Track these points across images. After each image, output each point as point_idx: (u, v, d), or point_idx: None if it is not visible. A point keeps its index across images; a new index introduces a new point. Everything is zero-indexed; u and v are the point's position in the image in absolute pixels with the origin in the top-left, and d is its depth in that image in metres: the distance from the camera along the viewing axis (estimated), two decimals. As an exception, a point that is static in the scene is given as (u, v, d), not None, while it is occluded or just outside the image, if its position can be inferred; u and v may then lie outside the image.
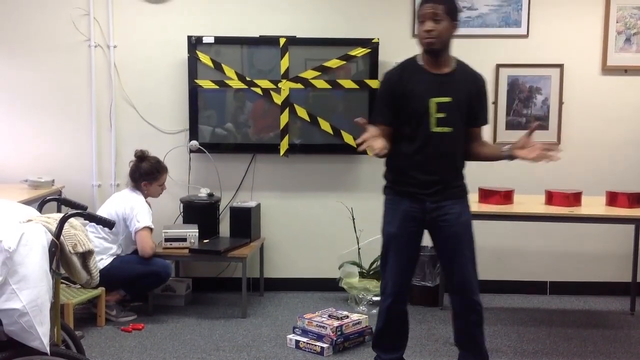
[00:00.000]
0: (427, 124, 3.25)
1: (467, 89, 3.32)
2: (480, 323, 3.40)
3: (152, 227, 4.66)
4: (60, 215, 2.85)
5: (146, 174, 4.73)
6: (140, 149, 4.80)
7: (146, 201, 4.74)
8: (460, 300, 3.40)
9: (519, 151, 3.26)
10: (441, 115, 3.24)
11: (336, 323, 4.15)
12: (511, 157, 3.31)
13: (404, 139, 3.32)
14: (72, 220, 2.90)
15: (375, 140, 3.11)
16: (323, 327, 4.13)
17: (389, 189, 3.42)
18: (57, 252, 2.79)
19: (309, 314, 4.34)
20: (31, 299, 2.61)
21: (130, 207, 4.63)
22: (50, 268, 2.75)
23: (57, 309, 2.91)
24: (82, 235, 2.93)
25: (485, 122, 3.46)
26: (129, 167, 4.77)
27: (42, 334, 2.64)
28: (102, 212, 4.61)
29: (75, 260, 2.89)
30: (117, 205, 4.65)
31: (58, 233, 2.78)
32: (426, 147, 3.27)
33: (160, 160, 4.86)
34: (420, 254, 3.82)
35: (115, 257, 4.62)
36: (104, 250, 4.57)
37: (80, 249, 2.90)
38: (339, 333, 4.11)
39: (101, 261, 4.45)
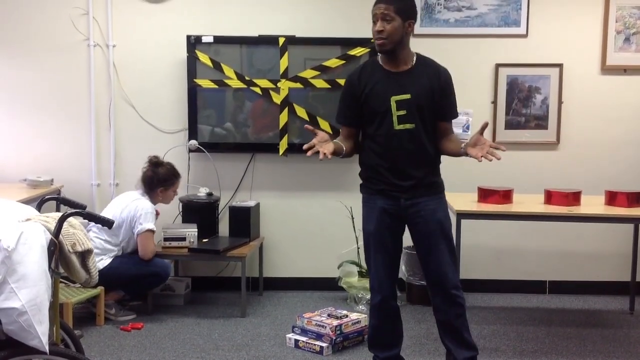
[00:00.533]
0: (389, 122, 3.30)
1: (428, 84, 3.32)
2: (461, 314, 3.43)
3: (155, 230, 4.65)
4: (59, 214, 2.84)
5: (164, 180, 4.72)
6: (154, 155, 4.80)
7: (155, 208, 4.74)
8: (438, 293, 3.43)
9: (470, 149, 3.26)
10: (402, 112, 3.28)
11: (335, 322, 4.15)
12: (466, 154, 3.29)
13: (370, 138, 3.39)
14: (71, 219, 2.90)
15: (322, 145, 3.19)
16: (322, 326, 4.13)
17: (364, 188, 3.49)
18: (56, 251, 2.79)
19: (308, 313, 4.34)
20: (30, 298, 2.61)
21: (136, 208, 4.61)
22: (49, 267, 2.75)
23: (56, 308, 2.91)
24: (81, 234, 2.93)
25: (452, 116, 3.44)
26: (143, 172, 4.73)
27: (41, 333, 2.64)
28: (107, 213, 4.60)
29: (74, 260, 2.89)
30: (124, 208, 4.64)
31: (57, 232, 2.78)
32: (391, 146, 3.32)
33: (174, 165, 4.85)
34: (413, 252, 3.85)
35: (114, 257, 4.62)
36: (104, 251, 4.57)
37: (79, 248, 2.90)
38: (338, 332, 4.11)
39: (101, 261, 4.45)
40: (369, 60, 3.52)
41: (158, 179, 4.71)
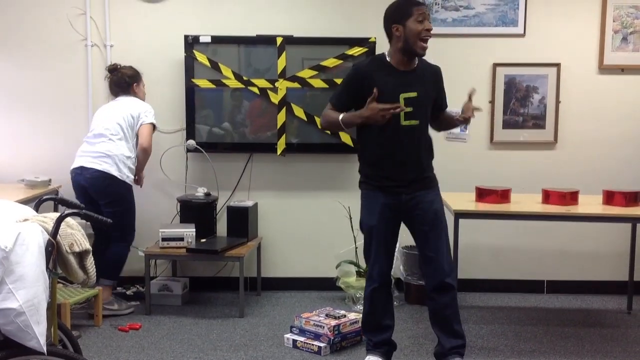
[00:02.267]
0: (396, 118, 3.45)
1: (430, 83, 3.60)
2: (451, 304, 3.61)
3: (156, 125, 4.79)
4: (57, 214, 2.84)
5: (132, 76, 4.82)
6: (111, 64, 4.90)
7: None
8: (432, 281, 3.62)
9: (461, 116, 3.62)
10: (408, 109, 3.46)
11: (333, 322, 4.15)
12: (460, 122, 3.67)
13: (375, 133, 3.52)
14: (68, 219, 2.89)
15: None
16: (320, 326, 4.13)
17: (365, 184, 3.66)
18: (53, 251, 2.78)
19: (306, 313, 4.34)
20: (28, 298, 2.60)
21: (141, 105, 4.73)
22: (47, 267, 2.74)
23: (54, 309, 2.91)
24: (78, 234, 2.93)
25: (446, 105, 3.78)
26: (110, 80, 4.82)
27: (38, 333, 2.64)
28: (114, 117, 4.64)
29: (72, 260, 2.89)
30: (130, 109, 4.69)
31: (55, 232, 2.78)
32: (396, 140, 3.50)
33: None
34: (415, 252, 4.10)
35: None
36: (122, 158, 4.61)
37: (76, 249, 2.89)
38: (336, 332, 4.11)
39: (128, 178, 4.63)
40: (376, 56, 3.70)
41: (129, 76, 4.81)
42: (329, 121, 3.59)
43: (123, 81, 4.80)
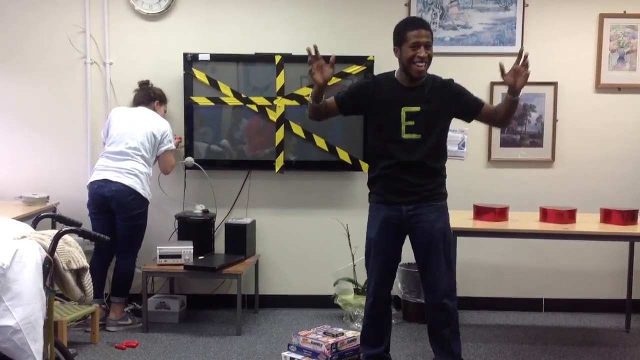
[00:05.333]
0: (398, 130, 3.56)
1: (440, 97, 3.61)
2: (449, 324, 3.63)
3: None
4: (55, 231, 2.84)
5: (159, 94, 4.97)
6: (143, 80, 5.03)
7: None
8: (430, 300, 3.67)
9: (510, 80, 3.57)
10: (410, 123, 3.54)
11: (331, 340, 4.12)
12: (513, 94, 3.58)
13: (378, 146, 3.63)
14: (66, 236, 2.90)
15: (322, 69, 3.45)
16: (318, 344, 4.11)
17: (371, 196, 3.73)
18: (51, 268, 2.78)
19: (303, 331, 4.31)
20: (24, 315, 2.60)
21: (163, 125, 4.84)
22: (44, 285, 2.74)
23: (50, 326, 2.90)
24: (76, 252, 2.92)
25: (480, 102, 3.73)
26: (136, 93, 4.93)
27: (35, 351, 2.63)
28: (137, 136, 4.70)
29: (69, 277, 2.88)
30: (153, 124, 4.79)
31: (52, 250, 2.78)
32: (398, 153, 3.57)
33: None
34: (413, 270, 4.15)
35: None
36: (146, 177, 4.74)
37: (74, 266, 2.89)
38: (334, 350, 4.08)
39: (149, 195, 4.76)
40: (387, 72, 3.77)
41: (155, 93, 4.95)
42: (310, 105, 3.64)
43: (149, 95, 4.92)
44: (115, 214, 4.70)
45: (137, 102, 4.93)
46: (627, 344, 4.61)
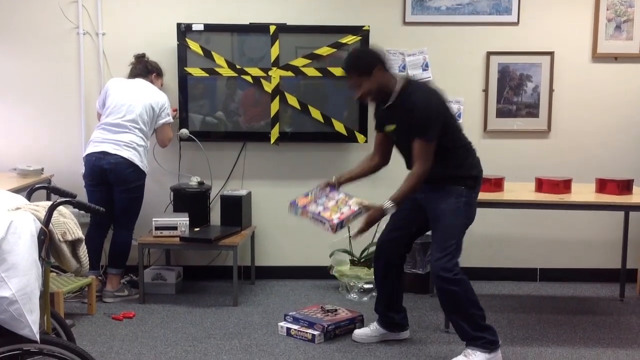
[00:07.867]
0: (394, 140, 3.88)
1: (404, 116, 3.65)
2: (445, 300, 3.75)
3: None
4: (49, 203, 2.83)
5: (156, 67, 4.94)
6: (139, 53, 4.97)
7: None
8: (430, 268, 3.97)
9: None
10: (395, 137, 3.81)
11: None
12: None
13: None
14: (61, 208, 2.88)
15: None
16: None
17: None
18: (46, 240, 2.77)
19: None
20: (20, 287, 2.59)
21: (161, 98, 4.81)
22: (40, 256, 2.73)
23: (46, 297, 2.90)
24: (71, 223, 2.91)
25: (416, 137, 3.61)
26: (133, 65, 4.89)
27: (31, 322, 2.63)
28: (135, 108, 4.67)
29: (65, 249, 2.87)
30: (152, 97, 4.76)
31: (47, 221, 2.77)
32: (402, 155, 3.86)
33: None
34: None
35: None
36: (144, 150, 4.74)
37: (69, 237, 2.88)
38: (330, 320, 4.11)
39: (146, 168, 4.76)
40: None
41: (152, 66, 4.91)
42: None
43: (146, 67, 4.89)
44: (112, 187, 4.69)
45: (134, 74, 4.88)
46: (621, 313, 4.65)
